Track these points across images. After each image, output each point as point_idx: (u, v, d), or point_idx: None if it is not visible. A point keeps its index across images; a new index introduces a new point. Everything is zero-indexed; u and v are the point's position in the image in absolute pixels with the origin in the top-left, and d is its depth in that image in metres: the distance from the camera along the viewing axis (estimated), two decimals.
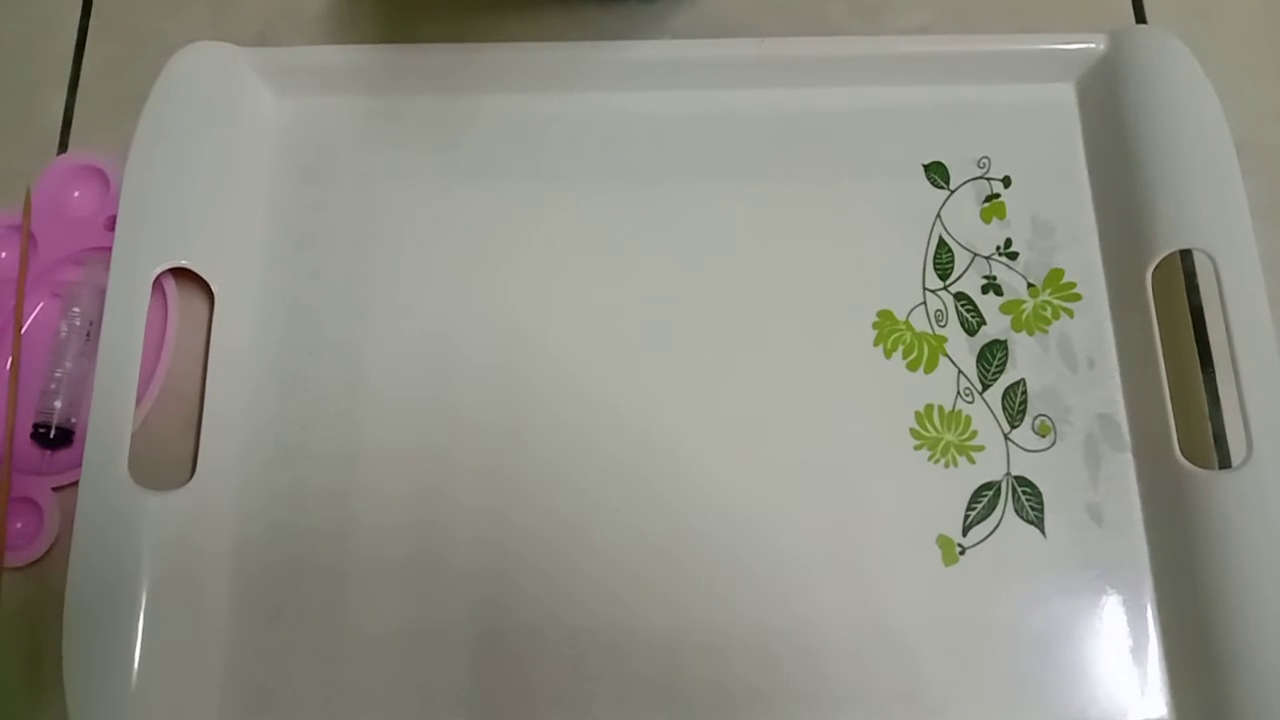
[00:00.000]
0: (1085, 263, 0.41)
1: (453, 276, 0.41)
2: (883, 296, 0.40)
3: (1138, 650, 0.37)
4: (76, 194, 0.42)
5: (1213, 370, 0.40)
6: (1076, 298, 0.40)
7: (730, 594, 0.37)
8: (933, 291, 0.40)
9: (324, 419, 0.39)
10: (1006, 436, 0.39)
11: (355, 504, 0.38)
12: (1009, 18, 0.44)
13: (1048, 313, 0.40)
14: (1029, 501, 0.38)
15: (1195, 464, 0.36)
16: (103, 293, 0.38)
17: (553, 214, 0.41)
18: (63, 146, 0.44)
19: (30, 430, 0.39)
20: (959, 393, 0.39)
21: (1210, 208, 0.38)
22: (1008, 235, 0.41)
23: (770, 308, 0.40)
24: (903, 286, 0.40)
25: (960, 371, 0.40)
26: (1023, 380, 0.39)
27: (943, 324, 0.40)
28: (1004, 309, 0.40)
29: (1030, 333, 0.40)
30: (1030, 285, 0.40)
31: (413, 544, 0.38)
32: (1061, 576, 0.37)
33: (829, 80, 0.42)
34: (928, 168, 0.42)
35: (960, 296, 0.40)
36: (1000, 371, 0.40)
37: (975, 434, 0.39)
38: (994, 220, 0.41)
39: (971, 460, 0.39)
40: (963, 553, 0.38)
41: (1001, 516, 0.38)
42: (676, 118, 0.42)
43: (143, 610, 0.35)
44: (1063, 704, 0.36)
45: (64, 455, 0.39)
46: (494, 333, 0.40)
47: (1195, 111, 0.39)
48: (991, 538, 0.38)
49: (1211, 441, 0.39)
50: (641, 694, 0.36)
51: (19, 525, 0.39)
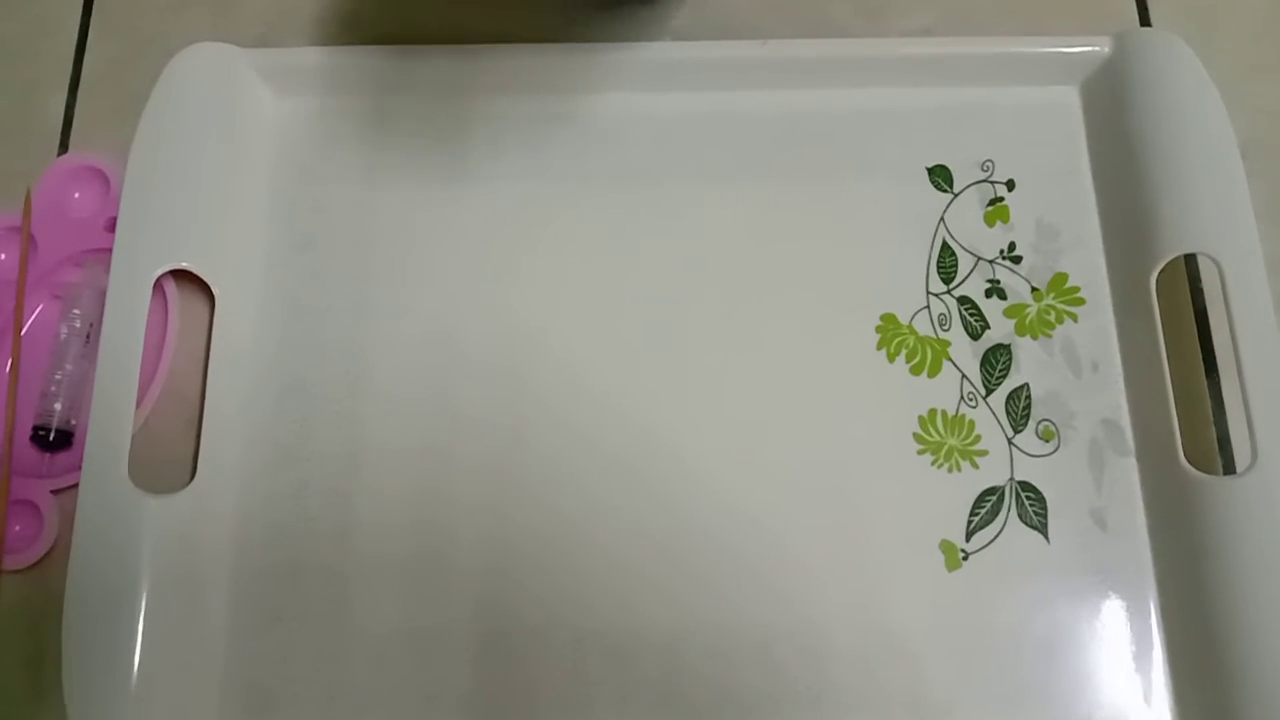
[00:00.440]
0: (1089, 266, 0.40)
1: (454, 277, 0.41)
2: (886, 300, 0.40)
3: (1141, 656, 0.36)
4: (77, 195, 0.42)
5: (1217, 375, 0.40)
6: (1080, 302, 0.40)
7: (734, 597, 0.37)
8: (936, 295, 0.40)
9: (325, 420, 0.39)
10: (1010, 441, 0.39)
11: (356, 505, 0.38)
12: (1013, 20, 0.44)
13: (1052, 317, 0.40)
14: (1032, 507, 0.38)
15: (1199, 469, 0.36)
16: (103, 294, 0.38)
17: (555, 215, 0.41)
18: (63, 147, 0.43)
19: (30, 432, 0.39)
20: (962, 397, 0.39)
21: (1215, 211, 0.38)
22: (1011, 239, 0.41)
23: (773, 310, 0.40)
24: (906, 290, 0.40)
25: (964, 376, 0.39)
26: (1026, 385, 0.39)
27: (946, 328, 0.40)
28: (1008, 313, 0.40)
29: (1034, 337, 0.40)
30: (1034, 289, 0.40)
31: (414, 545, 0.38)
32: (1065, 582, 0.37)
33: (832, 82, 0.42)
34: (931, 171, 0.42)
35: (964, 300, 0.40)
36: (1004, 376, 0.39)
37: (979, 439, 0.39)
38: (998, 224, 0.41)
39: (975, 465, 0.38)
40: (966, 558, 0.37)
41: (1005, 522, 0.38)
42: (679, 119, 0.42)
43: (142, 613, 0.35)
44: (1066, 710, 0.36)
45: (64, 458, 0.39)
46: (495, 333, 0.40)
47: (1200, 114, 0.39)
48: (995, 543, 0.38)
49: (1216, 447, 0.39)
50: (644, 696, 0.36)
51: (18, 528, 0.38)
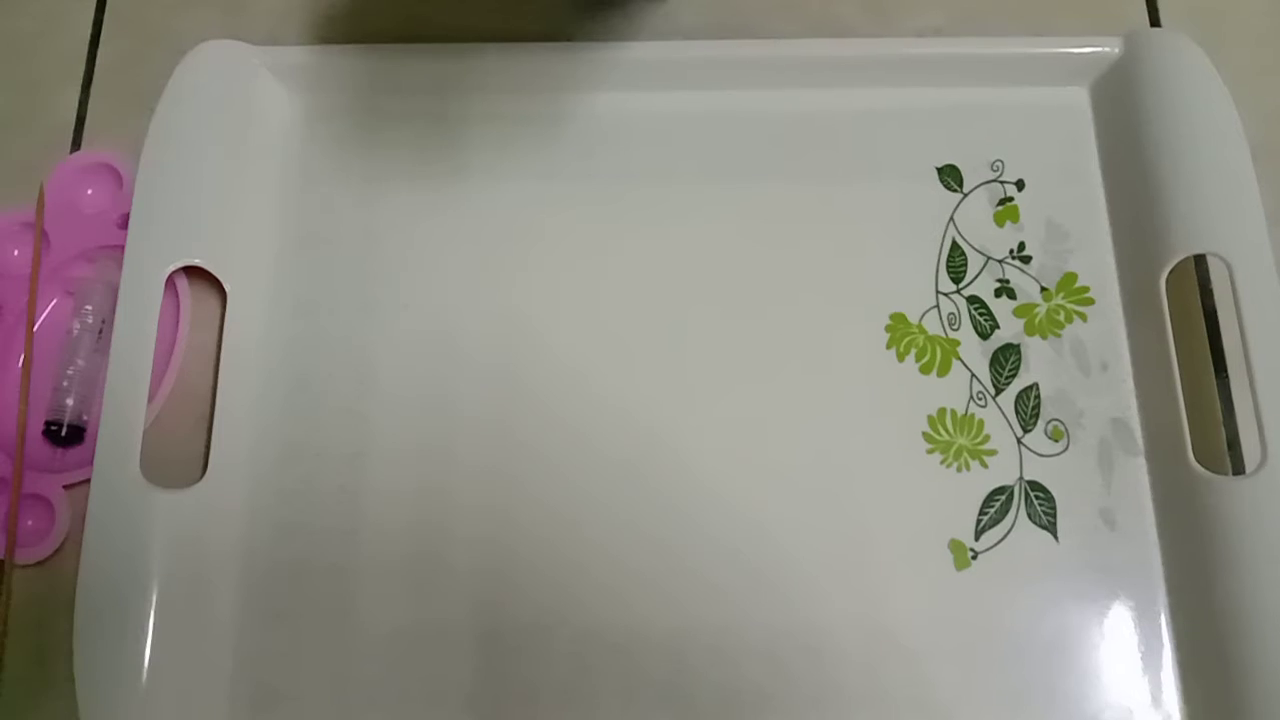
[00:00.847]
0: (1099, 266, 0.40)
1: (462, 276, 0.41)
2: (895, 299, 0.40)
3: (1150, 656, 0.36)
4: (89, 191, 0.42)
5: (1226, 375, 0.40)
6: (1090, 302, 0.40)
7: (738, 596, 0.37)
8: (945, 295, 0.40)
9: (333, 418, 0.39)
10: (1019, 441, 0.39)
11: (364, 503, 0.38)
12: (1022, 20, 0.44)
13: (1061, 316, 0.40)
14: (1042, 506, 0.38)
15: (1209, 469, 0.36)
16: (115, 290, 0.38)
17: (561, 214, 0.41)
18: (76, 144, 0.44)
19: (42, 428, 0.39)
20: (972, 396, 0.39)
21: (1225, 212, 0.38)
22: (1021, 239, 0.41)
23: (781, 310, 0.40)
24: (915, 289, 0.40)
25: (973, 375, 0.39)
26: (1036, 384, 0.39)
27: (956, 327, 0.40)
28: (1017, 312, 0.40)
29: (1044, 336, 0.40)
30: (1043, 289, 0.40)
31: (420, 543, 0.38)
32: (1074, 581, 0.37)
33: (841, 82, 0.42)
34: (941, 170, 0.42)
35: (973, 300, 0.40)
36: (1013, 375, 0.39)
37: (988, 438, 0.39)
38: (1007, 223, 0.41)
39: (984, 464, 0.38)
40: (975, 557, 0.37)
41: (1014, 521, 0.38)
42: (686, 118, 0.42)
43: (153, 607, 0.35)
44: (1074, 710, 0.36)
45: (75, 453, 0.39)
46: (502, 332, 0.40)
47: (1210, 115, 0.39)
48: (1004, 542, 0.38)
49: (1225, 447, 0.39)
50: (647, 695, 0.36)
51: (30, 523, 0.39)
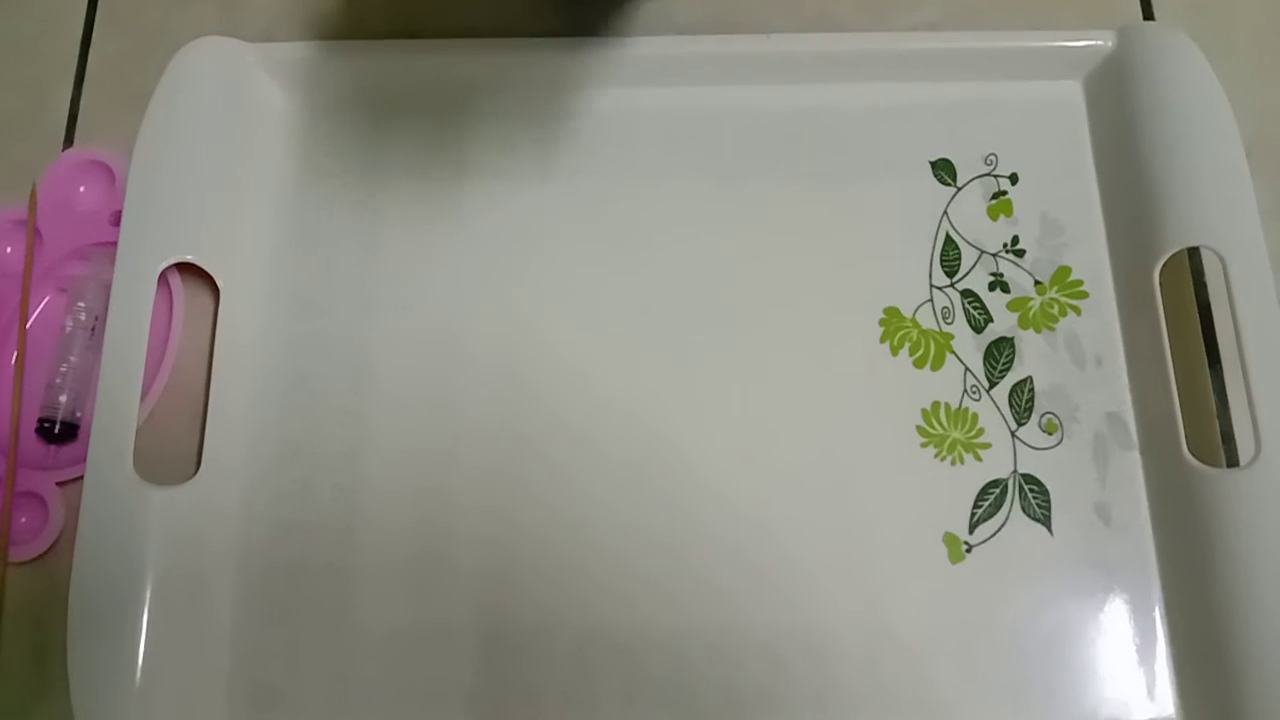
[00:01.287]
0: (1093, 260, 0.40)
1: (459, 273, 0.41)
2: (889, 293, 0.40)
3: (1145, 650, 0.36)
4: (82, 189, 0.42)
5: (1220, 368, 0.40)
6: (1084, 295, 0.40)
7: (736, 593, 0.37)
8: (940, 288, 0.40)
9: (329, 416, 0.39)
10: (1014, 434, 0.39)
11: (361, 501, 0.38)
12: (1016, 14, 0.44)
13: (1055, 310, 0.40)
14: (1036, 499, 0.38)
15: (1203, 462, 0.36)
16: (108, 287, 0.38)
17: (559, 210, 0.41)
18: (69, 141, 0.44)
19: (35, 425, 0.39)
20: (966, 390, 0.39)
21: (1218, 205, 0.38)
22: (1015, 232, 0.41)
23: (776, 304, 0.40)
24: (909, 283, 0.40)
25: (967, 369, 0.39)
26: (1030, 378, 0.39)
27: (950, 321, 0.40)
28: (1011, 306, 0.40)
29: (1038, 330, 0.40)
30: (1037, 283, 0.40)
31: (418, 542, 0.38)
32: (1069, 575, 0.37)
33: (836, 77, 0.42)
34: (935, 165, 0.42)
35: (967, 294, 0.40)
36: (1007, 369, 0.39)
37: (982, 431, 0.39)
38: (1001, 217, 0.41)
39: (978, 458, 0.38)
40: (969, 550, 0.37)
41: (1008, 514, 0.38)
42: (683, 114, 0.42)
43: (147, 605, 0.35)
44: (1069, 704, 0.36)
45: (69, 450, 0.39)
46: (500, 330, 0.40)
47: (1204, 109, 0.39)
48: (998, 536, 0.38)
49: (1220, 440, 0.39)
50: (647, 695, 0.36)
51: (24, 520, 0.39)
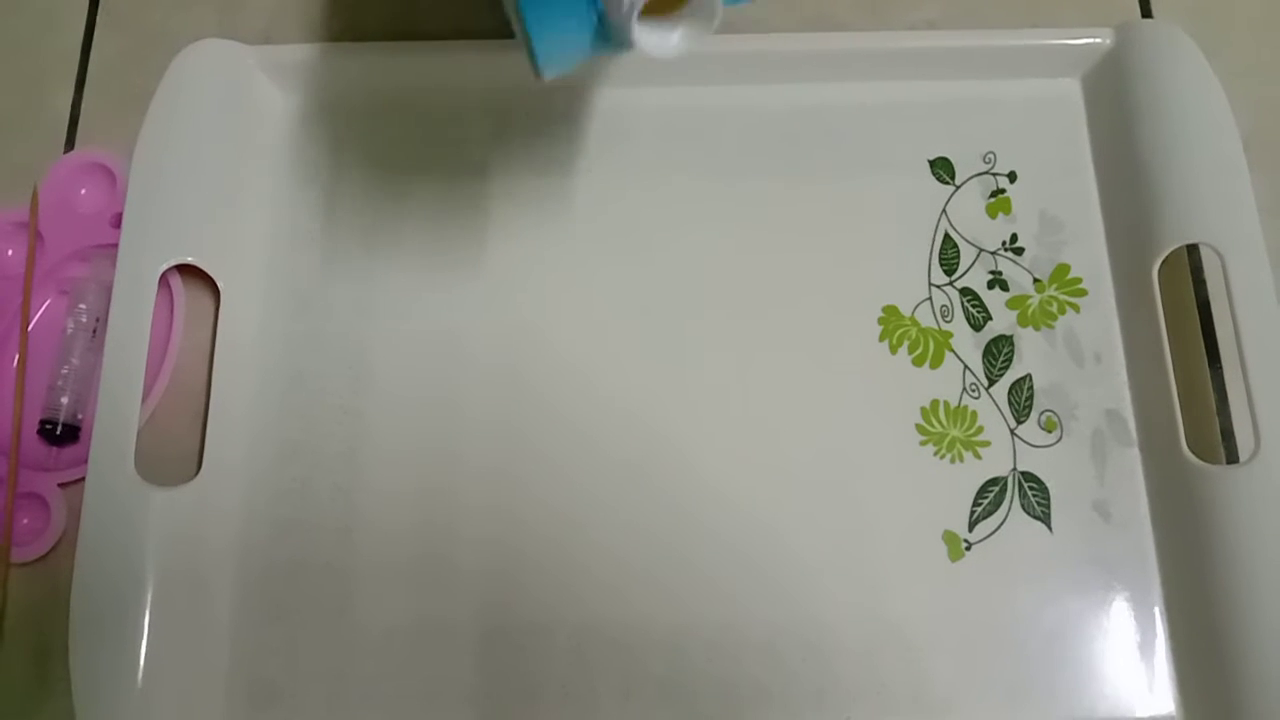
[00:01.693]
0: (1091, 258, 0.41)
1: (458, 273, 0.41)
2: (888, 292, 0.40)
3: (1145, 646, 0.36)
4: (83, 191, 0.42)
5: (1220, 365, 0.40)
6: (1083, 293, 0.40)
7: (735, 591, 0.37)
8: (938, 287, 0.40)
9: (330, 416, 0.39)
10: (1013, 432, 0.39)
11: (360, 500, 0.38)
12: (1014, 13, 0.44)
13: (1054, 308, 0.40)
14: (1035, 497, 0.38)
15: (1203, 459, 0.36)
16: (109, 289, 0.38)
17: (558, 209, 0.41)
18: (70, 144, 0.44)
19: (37, 426, 0.39)
20: (965, 388, 0.39)
21: (1217, 202, 0.38)
22: (1014, 230, 0.41)
23: (775, 303, 0.40)
24: (908, 282, 0.40)
25: (966, 367, 0.39)
26: (1029, 376, 0.39)
27: (948, 319, 0.40)
28: (1010, 304, 0.40)
29: (1036, 328, 0.40)
30: (1036, 280, 0.40)
31: (418, 540, 0.38)
32: (1068, 572, 0.37)
33: (835, 76, 0.42)
34: (933, 163, 0.42)
35: (966, 292, 0.40)
36: (1006, 367, 0.39)
37: (981, 429, 0.39)
38: (1000, 215, 0.41)
39: (978, 456, 0.38)
40: (969, 548, 0.37)
41: (1008, 512, 0.38)
42: (682, 113, 0.42)
43: (149, 605, 0.35)
44: (1069, 701, 0.36)
45: (70, 451, 0.39)
46: (499, 328, 0.40)
47: (1202, 105, 0.39)
48: (998, 533, 0.38)
49: (1219, 436, 0.39)
50: (647, 691, 0.36)
51: (25, 521, 0.39)
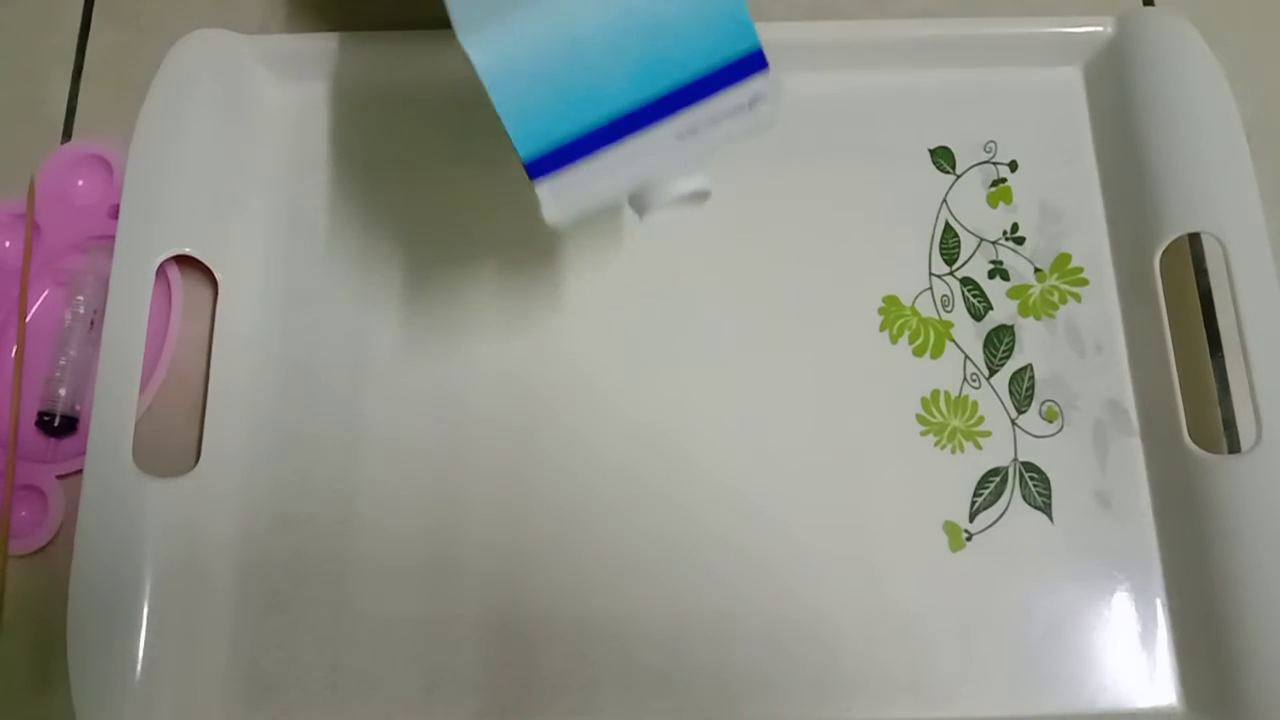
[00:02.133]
0: (1093, 247, 0.40)
1: (459, 264, 0.41)
2: (889, 282, 0.40)
3: (1146, 637, 0.36)
4: (80, 182, 0.42)
5: (1221, 354, 0.40)
6: (1084, 282, 0.40)
7: (736, 581, 0.37)
8: (939, 277, 0.40)
9: (328, 407, 0.39)
10: (1014, 422, 0.39)
11: (359, 492, 0.38)
12: (1015, 0, 0.43)
13: (1055, 298, 0.40)
14: (1036, 487, 0.38)
15: (1204, 449, 0.36)
16: (106, 281, 0.38)
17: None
18: (67, 135, 0.43)
19: (35, 418, 0.39)
20: (966, 378, 0.39)
21: (1219, 191, 0.38)
22: (1014, 220, 0.41)
23: (775, 293, 0.40)
24: (909, 272, 0.40)
25: (967, 357, 0.39)
26: (1030, 365, 0.39)
27: (949, 309, 0.40)
28: (1011, 294, 0.40)
29: (1038, 318, 0.40)
30: (1037, 270, 0.40)
31: (417, 532, 0.38)
32: (1069, 562, 0.37)
33: (834, 64, 0.42)
34: (934, 152, 0.42)
35: (967, 282, 0.40)
36: (1007, 357, 0.39)
37: (982, 419, 0.39)
38: (1001, 205, 0.41)
39: (978, 446, 0.38)
40: (969, 539, 0.37)
41: (1009, 502, 0.38)
42: None
43: (147, 596, 0.35)
44: (1071, 691, 0.36)
45: (69, 443, 0.39)
46: (498, 320, 0.40)
47: (1204, 94, 0.39)
48: (999, 524, 0.37)
49: (1221, 426, 0.39)
50: (647, 682, 0.36)
51: (24, 513, 0.39)
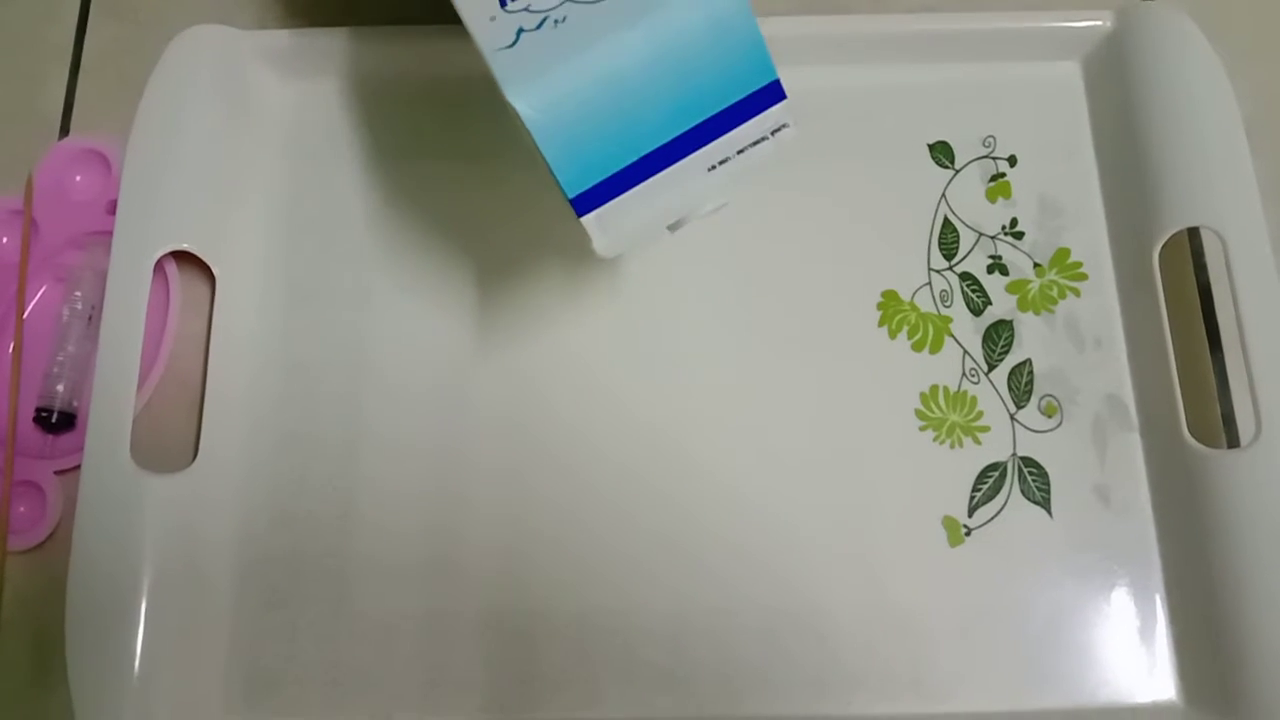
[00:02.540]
0: (1092, 242, 0.40)
1: (458, 261, 0.41)
2: (887, 277, 0.40)
3: (1146, 632, 0.36)
4: (78, 178, 0.42)
5: (1221, 349, 0.39)
6: (1083, 277, 0.40)
7: (735, 577, 0.37)
8: (938, 272, 0.40)
9: (327, 404, 0.39)
10: (1013, 417, 0.39)
11: (359, 488, 0.38)
12: None
13: (1054, 292, 0.40)
14: (1035, 482, 0.38)
15: (1204, 444, 0.36)
16: (104, 276, 0.38)
17: (557, 199, 0.41)
18: (64, 130, 0.43)
19: (33, 414, 0.39)
20: (965, 373, 0.39)
21: (1219, 185, 0.38)
22: (1013, 215, 0.41)
23: (773, 288, 0.40)
24: (908, 267, 0.40)
25: (966, 352, 0.39)
26: (1029, 360, 0.39)
27: (948, 304, 0.40)
28: (1010, 289, 0.40)
29: (1036, 312, 0.40)
30: (1036, 265, 0.40)
31: (416, 529, 0.38)
32: (1068, 558, 0.37)
33: (833, 59, 0.42)
34: (933, 147, 0.41)
35: (966, 276, 0.40)
36: (1006, 352, 0.39)
37: (981, 414, 0.39)
38: (999, 200, 0.41)
39: (977, 441, 0.38)
40: (968, 534, 0.37)
41: (1008, 498, 0.38)
42: None
43: (146, 593, 0.35)
44: (1071, 686, 0.36)
45: (67, 439, 0.39)
46: (498, 318, 0.40)
47: (1203, 88, 0.39)
48: (998, 519, 0.37)
49: (1220, 421, 0.39)
50: (647, 678, 0.36)
51: (22, 509, 0.39)
